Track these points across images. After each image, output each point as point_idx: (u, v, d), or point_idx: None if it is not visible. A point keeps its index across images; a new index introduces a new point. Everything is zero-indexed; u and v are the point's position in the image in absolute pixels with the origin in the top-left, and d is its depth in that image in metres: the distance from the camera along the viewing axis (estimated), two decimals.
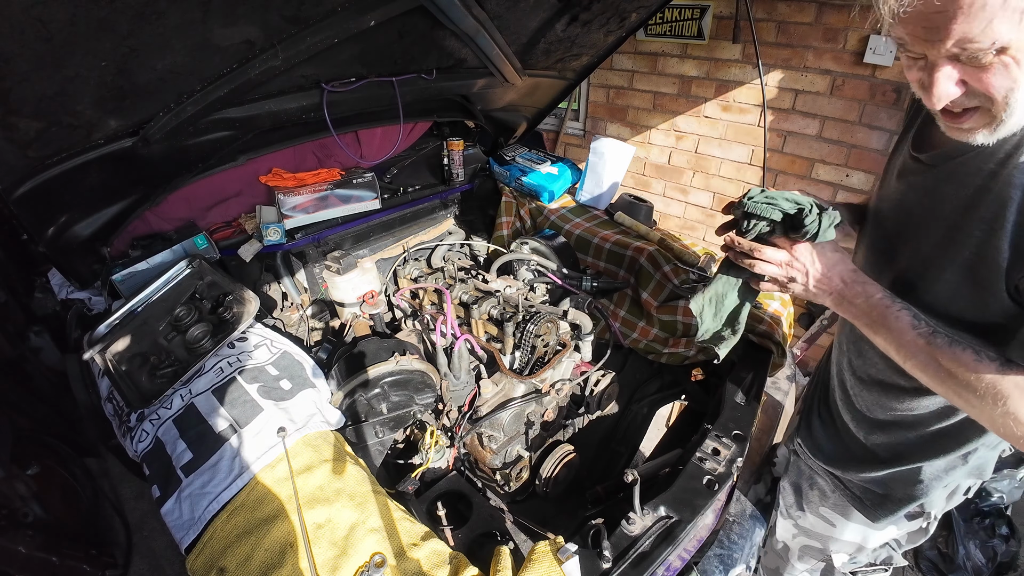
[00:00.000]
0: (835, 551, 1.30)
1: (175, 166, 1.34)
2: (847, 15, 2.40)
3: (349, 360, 1.31)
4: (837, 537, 1.27)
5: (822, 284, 0.90)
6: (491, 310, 1.50)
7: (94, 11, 0.76)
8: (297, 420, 1.13)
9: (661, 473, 1.22)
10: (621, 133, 3.38)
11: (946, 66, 0.66)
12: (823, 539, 1.31)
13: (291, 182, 1.68)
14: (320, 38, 1.10)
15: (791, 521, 1.39)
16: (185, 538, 0.96)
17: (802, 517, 1.34)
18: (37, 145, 0.97)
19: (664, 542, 0.99)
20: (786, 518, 1.41)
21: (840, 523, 1.24)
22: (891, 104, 2.45)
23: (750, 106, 2.85)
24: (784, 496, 1.40)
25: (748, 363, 1.46)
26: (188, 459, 1.06)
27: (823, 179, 2.76)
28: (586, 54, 1.85)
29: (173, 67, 0.98)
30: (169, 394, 1.17)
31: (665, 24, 2.90)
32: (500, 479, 1.36)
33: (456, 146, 2.02)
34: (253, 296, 1.35)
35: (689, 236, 3.21)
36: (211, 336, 1.29)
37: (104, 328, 1.29)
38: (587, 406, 1.54)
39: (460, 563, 0.89)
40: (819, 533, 1.31)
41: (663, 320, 1.70)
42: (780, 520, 1.43)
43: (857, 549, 1.27)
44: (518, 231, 2.15)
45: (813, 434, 1.27)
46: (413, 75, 1.53)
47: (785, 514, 1.41)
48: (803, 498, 1.32)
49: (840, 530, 1.25)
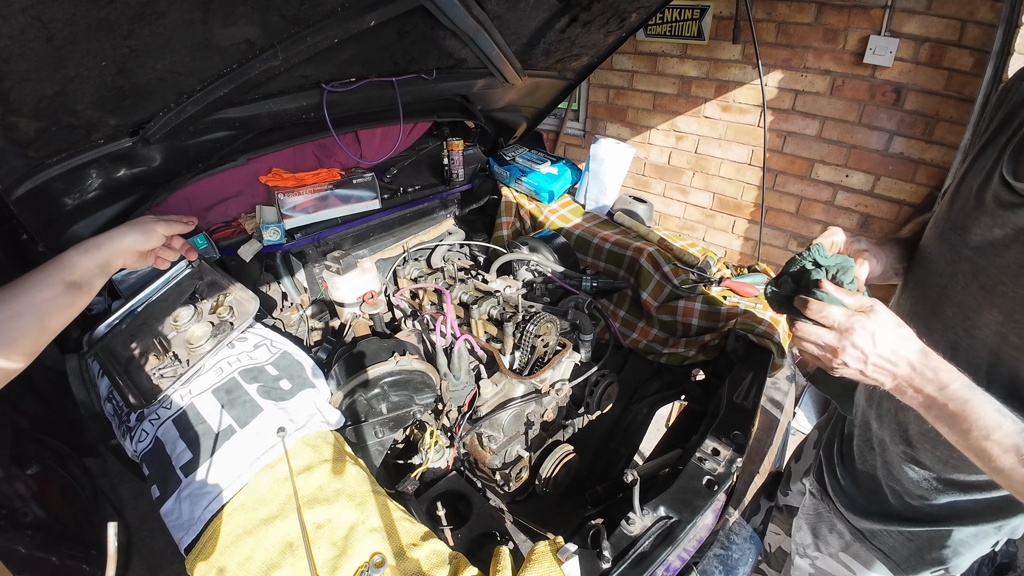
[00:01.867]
0: None
1: (175, 166, 1.34)
2: (847, 15, 2.41)
3: (349, 360, 1.31)
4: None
5: (883, 371, 0.73)
6: (491, 310, 1.50)
7: (94, 11, 0.76)
8: (297, 420, 1.13)
9: (661, 473, 1.22)
10: (621, 133, 3.38)
11: None
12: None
13: (291, 182, 1.67)
14: (320, 38, 1.10)
15: (807, 560, 1.33)
16: (185, 538, 0.96)
17: (819, 558, 1.28)
18: (37, 145, 0.97)
19: (664, 542, 0.99)
20: (802, 557, 1.35)
21: (861, 572, 1.18)
22: (891, 104, 2.45)
23: (750, 106, 2.85)
24: (800, 535, 1.35)
25: (748, 363, 1.46)
26: (188, 459, 1.05)
27: (823, 179, 2.77)
28: (586, 54, 1.85)
29: (173, 67, 0.98)
30: (169, 394, 1.17)
31: (665, 24, 2.90)
32: (500, 479, 1.36)
33: (456, 146, 2.02)
34: (253, 296, 1.35)
35: (689, 236, 3.22)
36: (211, 336, 1.29)
37: (104, 328, 1.29)
38: (587, 406, 1.54)
39: (460, 563, 0.89)
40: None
41: (663, 320, 1.70)
42: (796, 558, 1.38)
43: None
44: (518, 231, 2.15)
45: (836, 481, 1.20)
46: (413, 75, 1.53)
47: (802, 553, 1.35)
48: (820, 540, 1.27)
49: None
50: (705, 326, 1.64)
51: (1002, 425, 0.67)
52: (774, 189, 2.95)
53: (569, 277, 1.71)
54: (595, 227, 1.94)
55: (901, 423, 0.99)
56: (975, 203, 0.81)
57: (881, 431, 1.05)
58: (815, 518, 1.29)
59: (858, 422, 1.15)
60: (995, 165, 0.80)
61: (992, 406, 0.68)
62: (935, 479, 0.96)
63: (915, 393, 0.73)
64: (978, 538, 0.98)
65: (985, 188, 0.80)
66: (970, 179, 0.85)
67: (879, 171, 2.59)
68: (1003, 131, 0.82)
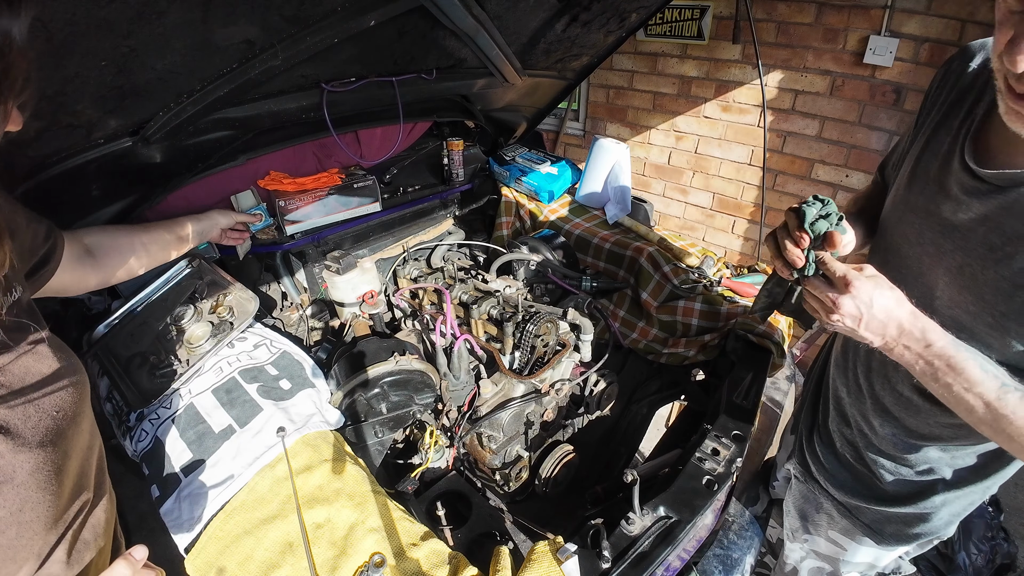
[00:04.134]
0: (845, 572, 1.27)
1: (175, 166, 1.34)
2: (847, 15, 2.41)
3: (349, 360, 1.31)
4: (848, 560, 1.24)
5: (874, 332, 0.76)
6: (491, 310, 1.50)
7: (94, 11, 0.76)
8: (296, 420, 1.13)
9: (660, 473, 1.22)
10: (621, 133, 3.38)
11: None
12: (833, 561, 1.28)
13: (291, 187, 1.67)
14: (320, 38, 1.10)
15: (798, 544, 1.35)
16: (184, 538, 0.96)
17: (810, 540, 1.31)
18: (37, 145, 0.97)
19: (663, 542, 0.99)
20: (793, 541, 1.37)
21: (851, 547, 1.21)
22: (891, 105, 2.45)
23: (750, 106, 2.85)
24: (789, 520, 1.37)
25: (747, 363, 1.46)
26: (187, 459, 1.06)
27: (823, 179, 2.77)
28: (586, 54, 1.85)
29: (173, 67, 0.98)
30: (168, 394, 1.17)
31: (665, 24, 2.90)
32: (500, 479, 1.36)
33: (456, 146, 2.02)
34: (253, 296, 1.35)
35: (689, 236, 3.22)
36: (211, 336, 1.29)
37: (104, 328, 1.29)
38: (587, 406, 1.55)
39: (459, 563, 0.89)
40: (828, 555, 1.28)
41: (663, 320, 1.70)
42: (788, 543, 1.40)
43: (869, 567, 1.24)
44: (518, 231, 2.15)
45: (817, 459, 1.22)
46: (413, 75, 1.53)
47: (791, 537, 1.37)
48: (809, 522, 1.29)
49: (851, 553, 1.22)
50: (705, 326, 1.64)
51: (984, 380, 0.71)
52: (774, 189, 2.95)
53: (569, 277, 1.71)
54: (595, 227, 1.94)
55: (874, 392, 1.02)
56: (936, 188, 0.84)
57: (853, 403, 1.09)
58: (802, 501, 1.31)
59: (831, 398, 1.17)
60: (951, 149, 0.82)
61: (975, 362, 0.72)
62: (906, 434, 0.99)
63: (903, 351, 0.76)
64: (960, 502, 1.01)
65: (946, 173, 0.83)
66: (926, 162, 0.87)
67: None
68: (954, 113, 0.84)
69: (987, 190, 0.76)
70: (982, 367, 0.72)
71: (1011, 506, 2.17)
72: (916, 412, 0.95)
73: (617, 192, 1.99)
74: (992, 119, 0.77)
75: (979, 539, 2.01)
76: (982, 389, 0.71)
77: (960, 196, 0.80)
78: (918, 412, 0.95)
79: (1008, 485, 1.00)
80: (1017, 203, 0.72)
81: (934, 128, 0.88)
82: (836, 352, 1.19)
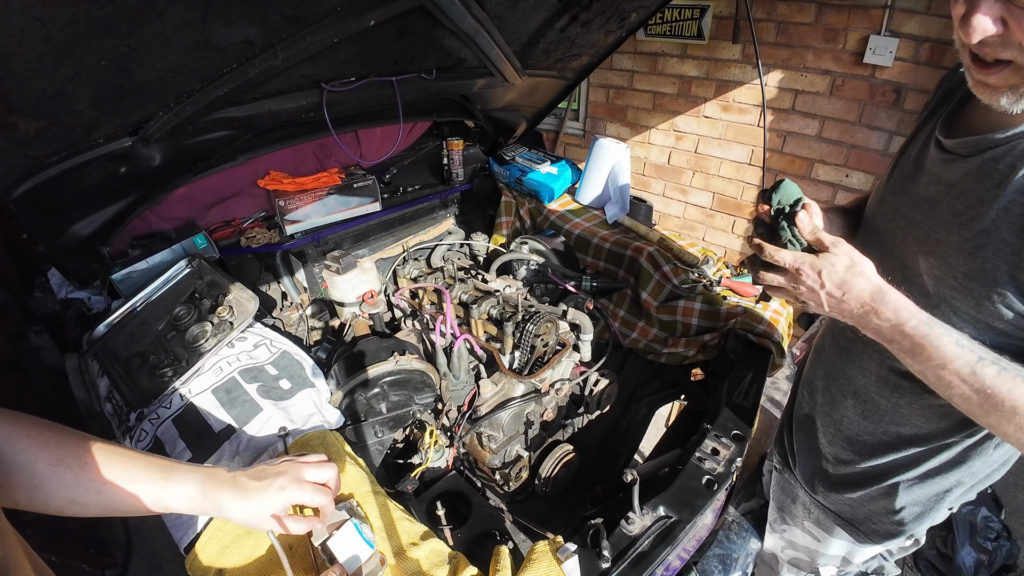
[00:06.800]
0: (822, 564, 1.29)
1: (175, 166, 1.34)
2: (847, 15, 2.41)
3: (349, 360, 1.31)
4: (823, 552, 1.25)
5: (835, 308, 0.78)
6: (491, 310, 1.50)
7: (94, 11, 0.76)
8: (296, 420, 1.13)
9: (660, 473, 1.22)
10: (621, 133, 3.38)
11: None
12: (810, 552, 1.30)
13: (290, 186, 1.67)
14: (320, 38, 1.10)
15: (777, 534, 1.38)
16: (184, 538, 0.96)
17: (787, 531, 1.33)
18: (37, 145, 0.97)
19: (663, 542, 0.99)
20: (772, 531, 1.40)
21: (825, 539, 1.23)
22: (891, 104, 2.45)
23: (750, 106, 2.85)
24: (770, 510, 1.40)
25: (747, 363, 1.46)
26: (187, 459, 1.05)
27: (823, 179, 2.77)
28: (586, 54, 1.85)
29: (173, 66, 0.98)
30: (168, 393, 1.17)
31: (665, 24, 2.90)
32: (499, 479, 1.36)
33: (456, 146, 2.02)
34: (253, 296, 1.35)
35: (689, 236, 3.22)
36: (211, 336, 1.29)
37: (103, 328, 1.29)
38: (586, 406, 1.55)
39: (459, 563, 0.89)
40: (805, 547, 1.30)
41: (662, 320, 1.70)
42: (768, 533, 1.43)
43: (844, 562, 1.26)
44: (518, 231, 2.15)
45: (792, 449, 1.25)
46: (413, 75, 1.53)
47: (771, 528, 1.40)
48: (786, 512, 1.31)
49: (825, 545, 1.23)
50: (705, 326, 1.64)
51: (960, 355, 0.71)
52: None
53: (569, 277, 1.71)
54: (595, 227, 1.94)
55: (841, 380, 1.05)
56: (913, 168, 0.89)
57: (824, 389, 1.11)
58: (780, 491, 1.33)
59: (806, 386, 1.19)
60: (931, 134, 0.87)
61: (950, 338, 0.72)
62: (866, 425, 1.03)
63: (877, 326, 0.76)
64: (923, 491, 1.01)
65: (923, 154, 0.88)
66: (910, 150, 0.93)
67: (879, 171, 2.59)
68: (939, 110, 0.90)
69: (953, 159, 0.80)
70: (957, 343, 0.72)
71: (1011, 506, 2.17)
72: (876, 408, 0.99)
73: (617, 192, 1.99)
74: (969, 102, 0.81)
75: (980, 539, 2.01)
76: (957, 365, 0.71)
77: (931, 170, 0.84)
78: (877, 408, 0.98)
79: (1008, 485, 1.01)
80: (980, 168, 0.75)
81: (922, 123, 0.94)
82: (817, 340, 1.21)
